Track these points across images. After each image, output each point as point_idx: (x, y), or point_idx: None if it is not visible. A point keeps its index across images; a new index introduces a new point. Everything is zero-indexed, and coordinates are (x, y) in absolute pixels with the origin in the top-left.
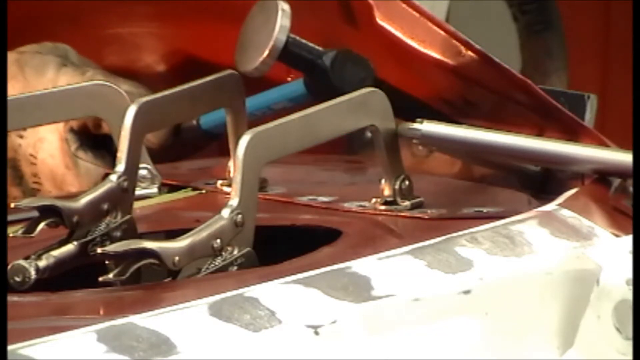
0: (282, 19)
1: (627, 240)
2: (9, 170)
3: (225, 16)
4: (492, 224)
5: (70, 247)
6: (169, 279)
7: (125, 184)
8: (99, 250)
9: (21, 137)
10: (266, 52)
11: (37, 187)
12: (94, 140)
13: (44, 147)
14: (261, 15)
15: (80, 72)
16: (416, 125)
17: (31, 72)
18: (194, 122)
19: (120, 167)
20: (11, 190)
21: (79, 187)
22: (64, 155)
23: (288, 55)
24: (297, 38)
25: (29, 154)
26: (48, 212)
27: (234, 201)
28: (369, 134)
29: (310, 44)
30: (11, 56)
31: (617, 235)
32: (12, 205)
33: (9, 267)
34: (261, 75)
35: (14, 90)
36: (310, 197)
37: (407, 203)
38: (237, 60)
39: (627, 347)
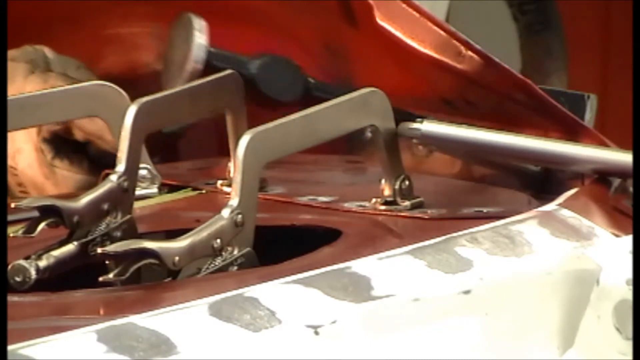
0: (199, 37)
1: (627, 240)
2: None
3: (225, 16)
4: (492, 224)
5: (70, 247)
6: (169, 279)
7: (126, 184)
8: (99, 250)
9: None
10: (186, 74)
11: (25, 195)
12: (69, 147)
13: (22, 157)
14: (180, 31)
15: (43, 79)
16: (416, 125)
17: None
18: None
19: (121, 167)
20: None
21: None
22: (40, 165)
23: (212, 70)
24: (219, 51)
25: (10, 165)
26: (48, 212)
27: (234, 201)
28: (369, 134)
29: (234, 55)
30: None
31: (617, 235)
32: (13, 205)
33: (9, 267)
34: None
35: None
36: (310, 197)
37: (407, 203)
38: (162, 78)
39: (627, 347)
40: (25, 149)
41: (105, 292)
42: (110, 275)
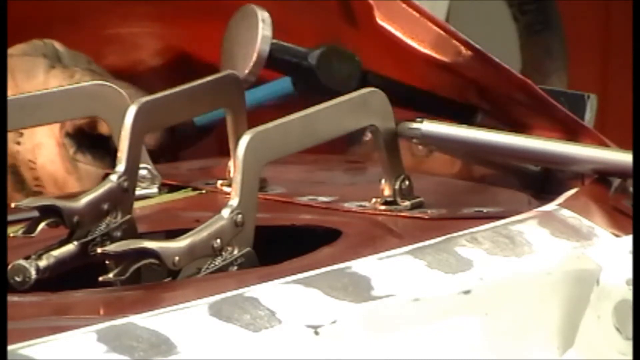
0: (264, 30)
1: (627, 240)
2: (9, 176)
3: (225, 16)
4: (492, 224)
5: (70, 247)
6: (169, 279)
7: (126, 184)
8: (99, 250)
9: (18, 143)
10: (251, 64)
11: (40, 189)
12: (92, 141)
13: (43, 152)
14: (242, 22)
15: (69, 74)
16: (416, 125)
17: (22, 77)
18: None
19: (121, 167)
20: (14, 195)
21: (81, 189)
22: (63, 160)
23: (273, 62)
24: (281, 43)
25: (27, 159)
26: (48, 212)
27: (234, 201)
28: (369, 134)
29: (294, 47)
30: None
31: (617, 235)
32: (13, 205)
33: (9, 267)
34: (248, 85)
35: None
36: (310, 197)
37: (407, 203)
38: (222, 68)
39: (627, 347)
40: (46, 144)
41: (105, 292)
42: (110, 275)
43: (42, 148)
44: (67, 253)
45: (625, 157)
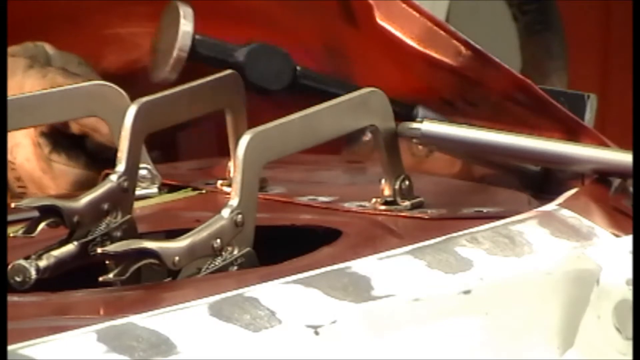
0: (185, 25)
1: (627, 240)
2: None
3: (225, 16)
4: (492, 224)
5: (70, 247)
6: (169, 279)
7: (126, 184)
8: (99, 250)
9: None
10: (171, 61)
11: (23, 190)
12: (67, 141)
13: (20, 152)
14: (166, 19)
15: (42, 74)
16: (416, 125)
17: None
18: None
19: (121, 167)
20: None
21: (56, 189)
22: (38, 159)
23: (198, 57)
24: (206, 38)
25: (8, 160)
26: (48, 212)
27: (234, 201)
28: (369, 134)
29: (221, 43)
30: None
31: (617, 235)
32: (13, 205)
33: (9, 267)
34: (173, 81)
35: None
36: (310, 197)
37: (407, 203)
38: (151, 65)
39: (627, 347)
40: (23, 143)
41: (105, 292)
42: (110, 275)
43: (19, 147)
44: (67, 253)
45: (625, 157)
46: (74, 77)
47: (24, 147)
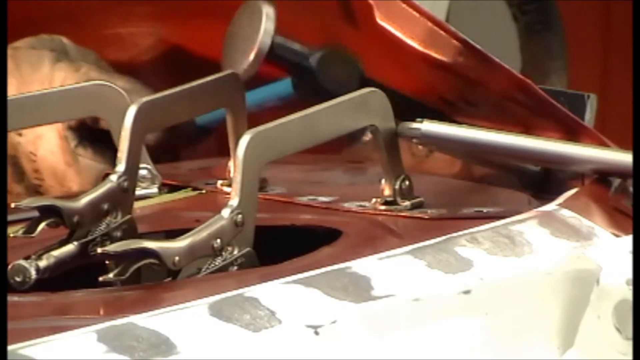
0: (267, 23)
1: (627, 240)
2: (9, 167)
3: (225, 16)
4: (492, 224)
5: (70, 247)
6: (169, 279)
7: (126, 184)
8: (99, 250)
9: (20, 135)
10: (251, 57)
11: (39, 182)
12: (93, 136)
13: (43, 144)
14: (246, 17)
15: (74, 68)
16: (416, 125)
17: (27, 68)
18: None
19: (121, 167)
20: (13, 187)
21: (80, 183)
22: (63, 152)
23: (274, 57)
24: (283, 40)
25: (29, 151)
26: (48, 212)
27: (234, 201)
28: (369, 134)
29: (297, 45)
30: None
31: (617, 235)
32: (13, 205)
33: (9, 267)
34: (248, 78)
35: (10, 86)
36: (310, 197)
37: (407, 203)
38: (223, 61)
39: (627, 347)
40: (48, 136)
41: (105, 292)
42: (110, 275)
43: (43, 140)
44: (67, 253)
45: (625, 157)
46: (108, 72)
47: (48, 139)
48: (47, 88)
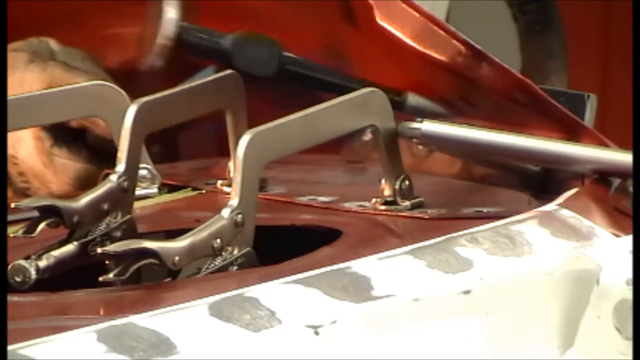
0: (169, 12)
1: (627, 240)
2: None
3: (226, 16)
4: (492, 224)
5: (70, 247)
6: (169, 279)
7: (126, 184)
8: (99, 250)
9: None
10: (157, 47)
11: (26, 185)
12: (68, 135)
13: (22, 146)
14: (154, 7)
15: (41, 67)
16: (416, 125)
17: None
18: None
19: (121, 167)
20: None
21: (57, 183)
22: (39, 153)
23: (185, 45)
24: (192, 26)
25: (10, 155)
26: (48, 212)
27: (234, 201)
28: (369, 134)
29: (207, 29)
30: None
31: (617, 235)
32: (12, 205)
33: (9, 267)
34: (159, 67)
35: None
36: (310, 197)
37: (407, 203)
38: (137, 55)
39: (627, 347)
40: (24, 138)
41: (105, 292)
42: (110, 275)
43: (21, 142)
44: (67, 253)
45: (625, 157)
46: (74, 70)
47: (25, 141)
48: (18, 91)
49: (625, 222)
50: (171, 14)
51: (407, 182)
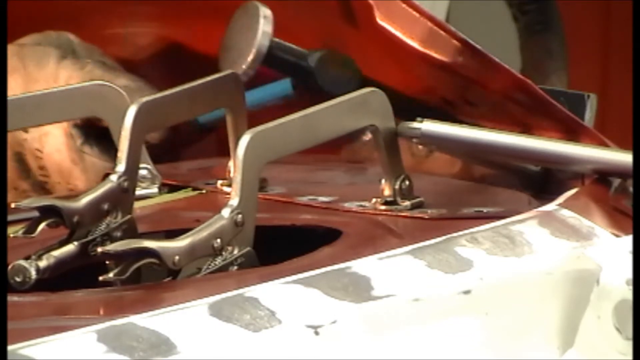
0: (265, 25)
1: (627, 240)
2: (15, 164)
3: (226, 16)
4: (492, 224)
5: (70, 247)
6: (169, 279)
7: (126, 184)
8: (99, 250)
9: (26, 131)
10: (250, 59)
11: (45, 179)
12: (99, 134)
13: (50, 141)
14: (243, 19)
15: (79, 65)
16: (416, 125)
17: (32, 65)
18: None
19: (121, 167)
20: (19, 183)
21: (85, 181)
22: (69, 150)
23: (272, 59)
24: (281, 42)
25: (34, 148)
26: (48, 212)
27: (234, 201)
28: (369, 134)
29: (294, 47)
30: (11, 49)
31: (617, 235)
32: (13, 205)
33: (9, 267)
34: (247, 80)
35: (15, 83)
36: (310, 197)
37: (407, 203)
38: (220, 63)
39: (627, 347)
40: (53, 133)
41: (105, 292)
42: (110, 275)
43: (49, 137)
44: (67, 253)
45: (625, 157)
46: (113, 70)
47: (54, 137)
48: (52, 86)
49: (625, 222)
50: (266, 27)
51: (407, 182)
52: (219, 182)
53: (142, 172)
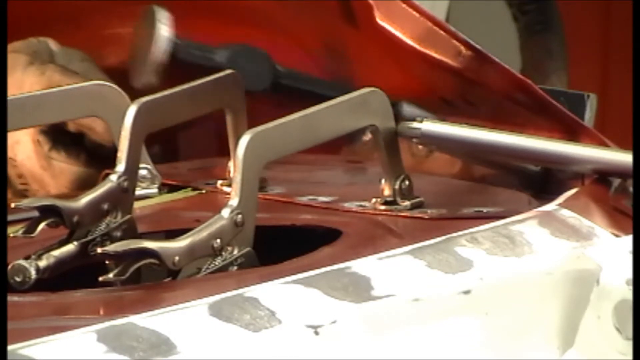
0: (161, 30)
1: (627, 240)
2: None
3: (226, 16)
4: (492, 224)
5: (70, 247)
6: (169, 279)
7: (126, 184)
8: (99, 250)
9: None
10: (151, 66)
11: (25, 187)
12: (66, 139)
13: (20, 149)
14: (144, 26)
15: (40, 71)
16: (416, 125)
17: None
18: None
19: (121, 167)
20: None
21: (56, 187)
22: (38, 156)
23: (179, 62)
24: (186, 41)
25: (9, 157)
26: (48, 212)
27: (234, 201)
28: (369, 134)
29: (200, 45)
30: None
31: (617, 235)
32: (13, 205)
33: (9, 267)
34: (152, 87)
35: None
36: (310, 197)
37: (407, 203)
38: (129, 73)
39: (627, 347)
40: (23, 141)
41: (105, 292)
42: (110, 275)
43: (20, 145)
44: (67, 253)
45: (625, 157)
46: (72, 75)
47: (24, 144)
48: (18, 92)
49: (625, 222)
50: (164, 31)
51: (407, 182)
52: (219, 182)
53: (142, 172)
